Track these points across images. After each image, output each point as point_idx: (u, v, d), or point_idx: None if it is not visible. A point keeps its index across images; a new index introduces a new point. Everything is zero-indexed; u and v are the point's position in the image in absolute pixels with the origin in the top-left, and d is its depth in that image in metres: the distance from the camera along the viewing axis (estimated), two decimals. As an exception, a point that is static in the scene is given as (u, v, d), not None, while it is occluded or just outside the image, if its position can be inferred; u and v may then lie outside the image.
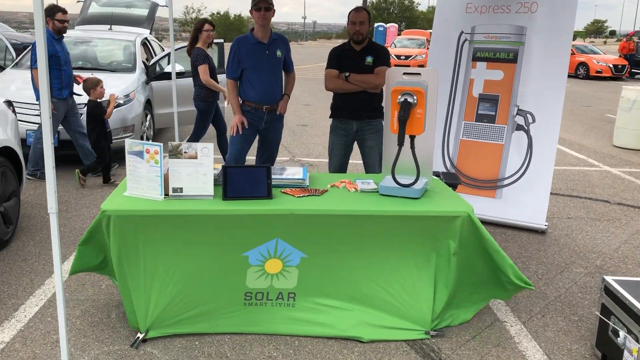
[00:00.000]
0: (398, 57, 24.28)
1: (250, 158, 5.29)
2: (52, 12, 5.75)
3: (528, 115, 5.03)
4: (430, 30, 27.28)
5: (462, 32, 5.27)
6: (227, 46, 6.28)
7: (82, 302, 3.43)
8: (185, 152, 2.98)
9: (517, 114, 5.06)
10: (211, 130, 6.99)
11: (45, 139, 2.45)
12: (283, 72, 4.68)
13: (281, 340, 3.10)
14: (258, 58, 4.40)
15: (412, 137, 3.16)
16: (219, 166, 3.35)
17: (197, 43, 6.42)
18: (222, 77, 7.81)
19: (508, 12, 5.06)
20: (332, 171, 4.66)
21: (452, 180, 4.07)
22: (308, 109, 12.20)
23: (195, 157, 2.99)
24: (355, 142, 4.61)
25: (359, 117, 4.47)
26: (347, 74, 4.37)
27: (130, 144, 2.98)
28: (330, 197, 3.15)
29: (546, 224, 4.96)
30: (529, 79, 4.99)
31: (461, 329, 3.28)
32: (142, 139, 7.09)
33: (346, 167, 4.71)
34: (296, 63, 5.22)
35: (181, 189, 3.00)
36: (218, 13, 60.98)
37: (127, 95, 6.75)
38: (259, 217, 2.92)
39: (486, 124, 5.17)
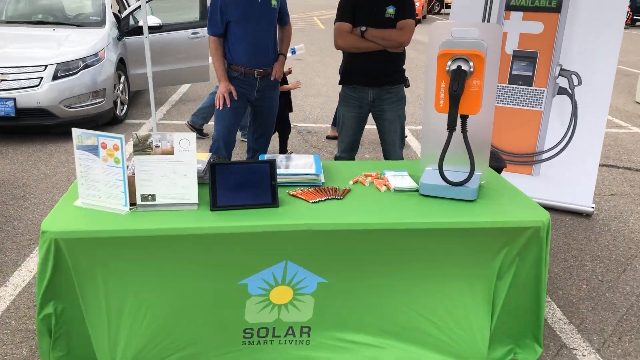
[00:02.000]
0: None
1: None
2: None
3: (573, 76, 4.20)
4: (424, -25, 25.22)
5: (493, -24, 4.37)
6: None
7: (32, 334, 2.65)
8: (156, 146, 2.15)
9: (559, 74, 4.23)
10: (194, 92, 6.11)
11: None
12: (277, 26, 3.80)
13: (293, 389, 2.36)
14: (247, 7, 3.50)
15: (464, 118, 2.35)
16: (206, 157, 2.53)
17: None
18: (204, 31, 6.87)
19: (551, -50, 4.16)
20: (343, 150, 3.84)
21: (495, 162, 3.28)
22: (300, 65, 11.22)
23: (172, 153, 2.16)
24: (371, 114, 3.79)
25: (376, 84, 3.63)
26: (363, 28, 3.50)
27: (80, 135, 2.14)
28: (355, 200, 2.35)
29: (593, 205, 4.22)
30: (575, 33, 4.14)
31: (522, 362, 2.56)
32: (115, 104, 6.17)
33: (358, 145, 3.90)
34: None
35: (153, 197, 2.19)
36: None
37: (95, 55, 5.79)
38: (261, 234, 2.12)
39: (521, 86, 4.34)
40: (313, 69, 10.67)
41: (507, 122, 4.38)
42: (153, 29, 6.43)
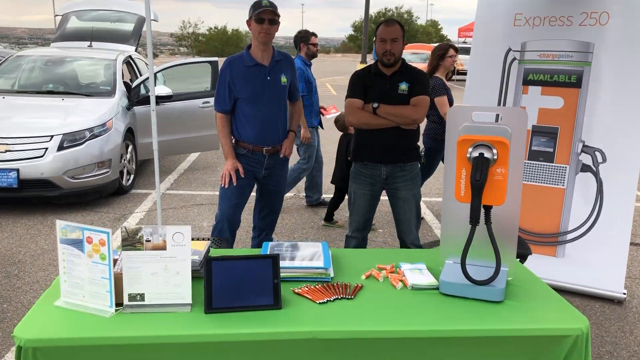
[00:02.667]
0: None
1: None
2: (306, 37, 5.31)
3: (597, 153, 4.00)
4: (435, 44, 26.35)
5: (509, 50, 4.26)
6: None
7: None
8: (147, 240, 1.94)
9: (582, 151, 4.04)
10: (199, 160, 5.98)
11: None
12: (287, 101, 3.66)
13: None
14: (256, 86, 3.38)
15: (488, 209, 2.13)
16: (203, 247, 2.32)
17: (437, 71, 5.28)
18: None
19: (569, 25, 4.05)
20: (355, 229, 3.63)
21: (519, 249, 3.03)
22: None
23: (164, 248, 1.95)
24: (384, 191, 3.59)
25: (389, 160, 3.45)
26: (375, 104, 3.35)
27: (64, 227, 1.95)
28: (368, 300, 2.10)
29: (624, 291, 3.92)
30: (597, 108, 3.97)
31: None
32: (121, 174, 6.05)
33: (371, 224, 3.68)
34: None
35: (142, 296, 1.96)
36: (216, 27, 60.17)
37: (103, 125, 5.72)
38: (261, 343, 1.87)
39: (542, 163, 4.14)
40: (324, 136, 10.55)
41: (528, 200, 4.15)
42: (163, 99, 6.40)
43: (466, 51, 26.11)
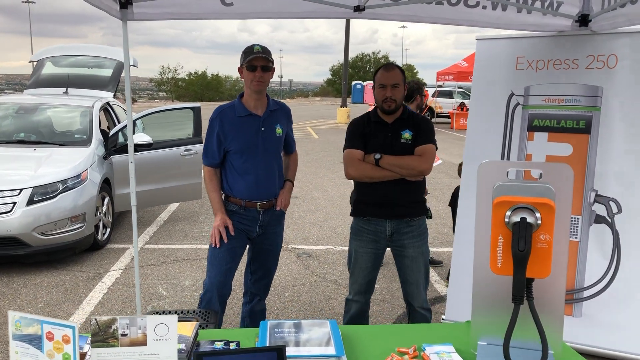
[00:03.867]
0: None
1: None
2: (421, 88, 5.13)
3: (611, 203, 3.74)
4: (415, 88, 26.29)
5: (512, 94, 4.04)
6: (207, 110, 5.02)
7: None
8: (123, 334, 1.56)
9: (595, 201, 3.77)
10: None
11: None
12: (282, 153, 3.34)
13: None
14: (250, 137, 3.06)
15: (530, 282, 1.81)
16: (191, 331, 1.94)
17: None
18: (197, 147, 6.49)
19: (575, 68, 3.84)
20: (356, 292, 3.28)
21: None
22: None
23: (144, 343, 1.57)
24: (389, 249, 3.27)
25: (395, 215, 3.14)
26: (377, 155, 3.06)
27: (18, 320, 1.56)
28: (394, 397, 1.74)
29: (650, 354, 3.60)
30: (609, 155, 3.73)
31: None
32: (97, 228, 5.63)
33: (374, 285, 3.33)
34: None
35: (116, 405, 1.57)
36: (195, 72, 60.25)
37: (77, 176, 5.33)
38: None
39: (553, 213, 3.86)
40: (309, 181, 10.29)
41: (539, 254, 3.84)
42: (143, 147, 6.06)
43: (444, 94, 26.46)
